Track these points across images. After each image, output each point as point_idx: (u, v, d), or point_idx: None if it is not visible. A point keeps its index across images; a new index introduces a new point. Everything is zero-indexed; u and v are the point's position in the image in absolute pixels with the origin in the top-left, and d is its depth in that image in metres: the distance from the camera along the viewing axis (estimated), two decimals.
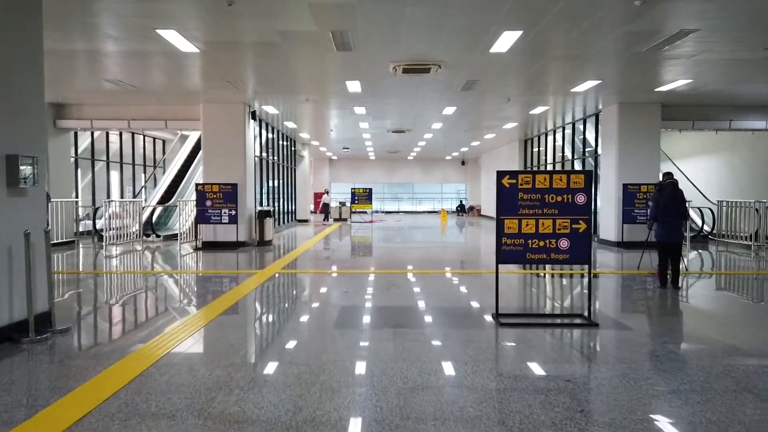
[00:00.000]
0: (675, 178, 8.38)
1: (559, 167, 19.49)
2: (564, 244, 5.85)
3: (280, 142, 20.28)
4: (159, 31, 7.70)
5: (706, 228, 15.65)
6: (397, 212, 36.85)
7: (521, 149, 23.47)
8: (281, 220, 20.15)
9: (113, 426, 3.30)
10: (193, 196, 14.00)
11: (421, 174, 37.70)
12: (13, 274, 5.18)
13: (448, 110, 15.09)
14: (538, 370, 4.35)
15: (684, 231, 9.11)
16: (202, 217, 13.50)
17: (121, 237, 14.25)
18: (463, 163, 36.62)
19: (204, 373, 4.24)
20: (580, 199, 5.80)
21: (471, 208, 34.60)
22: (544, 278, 9.62)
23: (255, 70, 10.45)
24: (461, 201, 36.34)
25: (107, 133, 18.34)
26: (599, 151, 15.54)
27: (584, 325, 5.85)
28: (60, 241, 13.46)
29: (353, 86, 11.62)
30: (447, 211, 31.46)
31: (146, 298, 7.84)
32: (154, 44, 8.38)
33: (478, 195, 33.88)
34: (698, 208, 14.96)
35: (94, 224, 15.40)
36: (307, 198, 27.04)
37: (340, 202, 28.64)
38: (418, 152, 30.46)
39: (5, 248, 5.11)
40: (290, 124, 18.30)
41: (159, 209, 17.10)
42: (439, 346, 5.04)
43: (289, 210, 22.33)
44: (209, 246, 13.56)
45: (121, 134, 19.38)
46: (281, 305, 7.38)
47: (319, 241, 16.34)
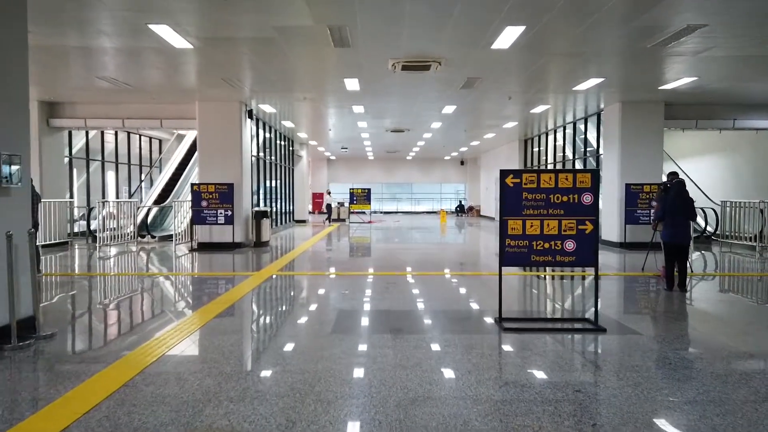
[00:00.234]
0: (680, 177, 8.21)
1: (559, 167, 19.28)
2: (570, 245, 5.63)
3: (278, 142, 20.04)
4: (151, 26, 7.48)
5: (710, 229, 15.47)
6: (396, 212, 36.61)
7: (521, 149, 23.26)
8: (279, 221, 19.92)
9: None
10: (189, 197, 13.77)
11: (420, 174, 37.45)
12: None
13: (448, 109, 14.86)
14: (545, 379, 4.13)
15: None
16: (197, 218, 13.27)
17: (115, 238, 14.00)
18: (462, 163, 36.39)
19: (193, 383, 4.01)
20: (587, 198, 5.58)
21: (470, 209, 34.37)
22: (545, 280, 9.41)
23: (251, 67, 10.21)
24: (460, 201, 36.11)
25: (103, 133, 18.09)
26: (601, 150, 15.35)
27: (591, 330, 5.63)
28: (54, 242, 13.24)
29: (351, 84, 11.39)
30: (446, 212, 31.27)
31: (138, 301, 7.59)
32: (146, 40, 8.15)
33: (478, 195, 33.67)
34: (701, 209, 14.76)
35: (88, 225, 15.17)
36: (305, 198, 26.79)
37: (338, 203, 28.41)
38: (417, 152, 30.22)
39: None
40: (288, 124, 18.07)
41: (154, 210, 16.87)
42: (441, 353, 4.81)
43: (287, 210, 22.08)
44: (205, 247, 13.34)
45: (116, 134, 19.13)
46: (277, 308, 7.15)
47: (317, 242, 16.10)
